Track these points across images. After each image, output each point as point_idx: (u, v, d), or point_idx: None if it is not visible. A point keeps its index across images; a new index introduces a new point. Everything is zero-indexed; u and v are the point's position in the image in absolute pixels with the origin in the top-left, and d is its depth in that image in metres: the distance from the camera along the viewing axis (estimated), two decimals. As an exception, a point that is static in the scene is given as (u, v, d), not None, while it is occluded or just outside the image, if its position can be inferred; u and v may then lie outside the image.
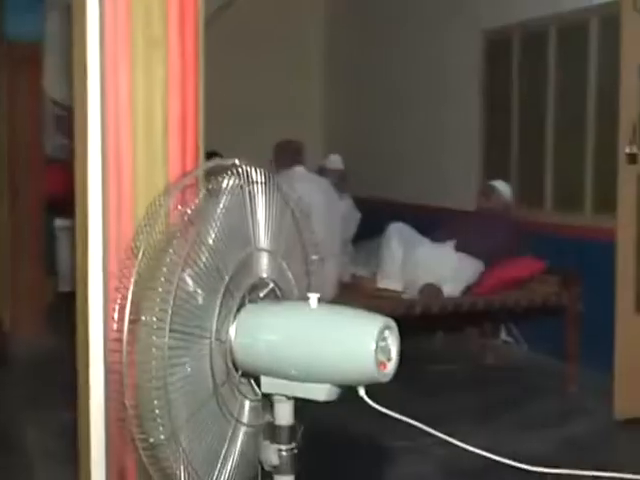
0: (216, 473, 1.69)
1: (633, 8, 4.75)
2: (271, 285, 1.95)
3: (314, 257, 2.08)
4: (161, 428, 1.58)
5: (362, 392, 1.71)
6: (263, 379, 1.82)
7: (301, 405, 1.87)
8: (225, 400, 1.76)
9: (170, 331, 1.61)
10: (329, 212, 5.57)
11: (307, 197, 5.44)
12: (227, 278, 1.75)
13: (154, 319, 1.60)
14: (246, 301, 1.86)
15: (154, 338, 1.59)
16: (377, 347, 1.63)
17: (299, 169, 5.65)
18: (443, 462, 4.38)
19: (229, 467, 1.72)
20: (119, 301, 1.70)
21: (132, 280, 1.66)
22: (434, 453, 4.46)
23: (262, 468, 1.90)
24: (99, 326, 2.34)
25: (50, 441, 4.55)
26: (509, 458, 4.17)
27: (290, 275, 1.99)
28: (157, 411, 1.57)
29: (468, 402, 5.27)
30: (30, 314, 6.70)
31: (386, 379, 1.68)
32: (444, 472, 4.30)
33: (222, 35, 8.06)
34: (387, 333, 1.68)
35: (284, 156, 5.71)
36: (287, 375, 1.75)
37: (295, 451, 1.89)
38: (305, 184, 5.50)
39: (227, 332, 1.77)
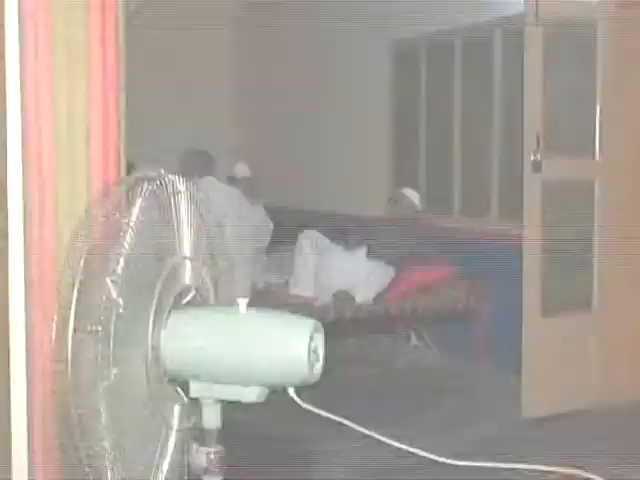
0: (152, 478, 1.71)
1: (535, 22, 4.92)
2: (193, 292, 1.98)
3: (224, 263, 2.11)
4: (100, 435, 1.59)
5: (292, 392, 1.76)
6: (192, 384, 1.85)
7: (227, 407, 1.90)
8: (158, 406, 1.78)
9: (105, 340, 1.63)
10: (240, 221, 5.64)
11: (218, 207, 5.50)
12: (159, 286, 1.77)
13: (91, 329, 1.61)
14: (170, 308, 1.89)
15: (93, 346, 1.60)
16: (309, 349, 1.68)
17: (209, 179, 5.69)
18: (362, 464, 4.45)
19: (164, 471, 1.75)
20: (55, 315, 1.70)
21: (74, 291, 1.67)
22: (357, 455, 4.54)
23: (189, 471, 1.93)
24: (21, 334, 2.33)
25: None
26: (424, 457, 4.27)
27: (209, 281, 2.02)
28: (98, 420, 1.59)
29: (381, 405, 5.34)
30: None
31: (315, 380, 1.74)
32: (364, 474, 4.36)
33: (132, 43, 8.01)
34: (316, 335, 1.73)
35: (192, 166, 5.75)
36: (218, 379, 1.78)
37: (223, 454, 1.93)
38: (216, 193, 5.55)
39: (158, 339, 1.79)
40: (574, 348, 5.22)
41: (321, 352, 1.76)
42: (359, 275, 5.71)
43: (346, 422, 1.96)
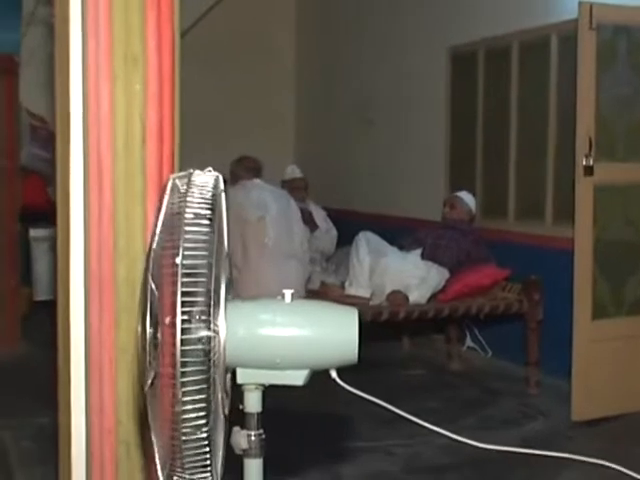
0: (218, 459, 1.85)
1: (589, 27, 4.97)
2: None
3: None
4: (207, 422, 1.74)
5: (334, 374, 1.90)
6: (239, 370, 1.96)
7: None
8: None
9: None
10: (285, 217, 5.78)
11: (262, 202, 5.68)
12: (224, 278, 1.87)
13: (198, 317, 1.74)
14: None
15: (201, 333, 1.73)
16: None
17: (257, 180, 5.86)
18: (404, 461, 4.57)
19: (220, 455, 1.87)
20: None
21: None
22: (395, 452, 4.66)
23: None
24: (80, 327, 2.49)
25: (29, 443, 4.68)
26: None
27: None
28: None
29: (433, 405, 5.44)
30: (6, 324, 6.74)
31: (357, 360, 1.89)
32: (407, 471, 4.48)
33: (197, 51, 8.29)
34: (355, 319, 1.89)
35: (241, 170, 5.94)
36: (269, 365, 1.90)
37: (263, 436, 2.05)
38: (260, 191, 5.74)
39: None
40: (624, 352, 5.25)
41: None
42: (414, 276, 5.80)
43: (384, 404, 2.09)
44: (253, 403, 2.04)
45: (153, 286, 1.83)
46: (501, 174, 6.55)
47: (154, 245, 1.86)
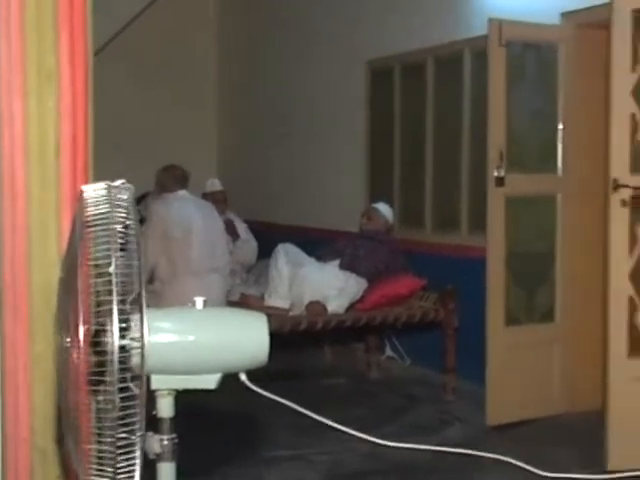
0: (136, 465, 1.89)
1: (498, 43, 5.13)
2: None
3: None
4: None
5: (244, 377, 1.97)
6: (153, 377, 2.01)
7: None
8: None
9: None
10: (210, 231, 5.82)
11: (186, 217, 5.71)
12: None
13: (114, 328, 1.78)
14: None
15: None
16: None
17: (182, 193, 5.87)
18: (325, 468, 4.64)
19: (138, 459, 1.91)
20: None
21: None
22: (316, 460, 4.73)
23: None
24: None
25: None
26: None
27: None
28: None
29: (353, 413, 5.51)
30: None
31: (266, 361, 1.97)
32: (326, 478, 4.55)
33: (116, 64, 8.32)
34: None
35: (168, 180, 5.94)
36: (183, 370, 1.96)
37: (176, 440, 2.10)
38: (184, 205, 5.75)
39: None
40: (536, 358, 5.40)
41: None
42: (332, 286, 5.90)
43: (294, 406, 2.17)
44: (166, 408, 2.09)
45: (68, 295, 1.88)
46: (418, 185, 6.69)
47: (69, 254, 1.91)
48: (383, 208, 6.50)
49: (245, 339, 1.99)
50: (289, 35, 8.43)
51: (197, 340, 1.95)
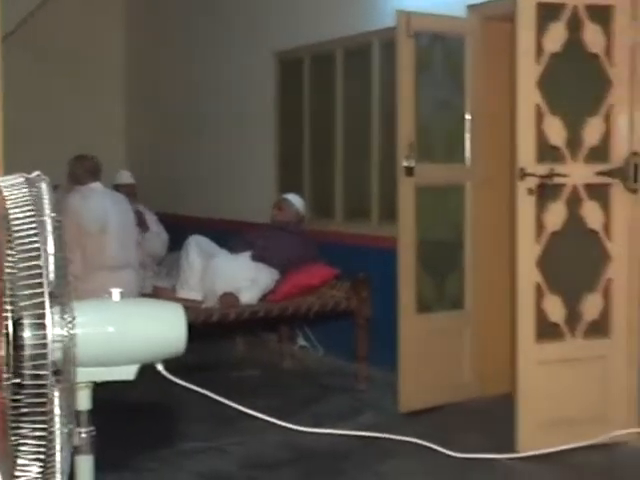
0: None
1: (407, 34, 5.19)
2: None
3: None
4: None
5: (160, 367, 1.96)
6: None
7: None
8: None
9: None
10: (125, 226, 5.78)
11: (102, 212, 5.65)
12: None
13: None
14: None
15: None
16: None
17: (95, 185, 5.79)
18: (240, 458, 4.65)
19: (59, 454, 1.88)
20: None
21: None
22: (231, 451, 4.74)
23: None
24: None
25: None
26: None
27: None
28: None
29: (267, 403, 5.50)
30: None
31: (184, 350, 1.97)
32: (243, 468, 4.56)
33: (23, 53, 8.14)
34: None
35: (80, 171, 5.85)
36: (102, 362, 1.94)
37: (94, 433, 2.08)
38: (100, 199, 5.68)
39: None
40: (447, 344, 5.50)
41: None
42: (244, 278, 5.89)
43: (209, 394, 2.17)
44: (83, 401, 2.07)
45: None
46: (328, 176, 6.73)
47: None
48: (294, 199, 6.52)
49: (164, 328, 1.98)
50: (199, 25, 8.37)
51: (117, 331, 1.94)
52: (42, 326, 1.74)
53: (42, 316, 1.73)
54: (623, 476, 4.39)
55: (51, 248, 1.78)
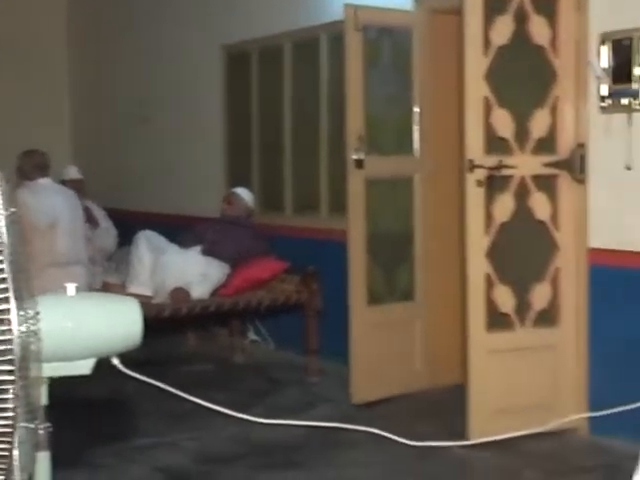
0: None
1: (354, 28, 5.21)
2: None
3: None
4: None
5: (116, 361, 1.96)
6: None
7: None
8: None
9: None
10: (74, 222, 5.74)
11: (52, 208, 5.59)
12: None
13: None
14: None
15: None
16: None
17: (44, 181, 5.73)
18: (194, 453, 4.64)
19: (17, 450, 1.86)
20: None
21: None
22: (185, 446, 4.73)
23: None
24: None
25: None
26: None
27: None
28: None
29: (219, 398, 5.49)
30: None
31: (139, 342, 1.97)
32: (196, 462, 4.55)
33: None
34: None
35: (29, 166, 5.78)
36: (58, 357, 1.93)
37: (50, 429, 2.07)
38: (51, 195, 5.63)
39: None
40: (398, 335, 5.54)
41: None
42: (195, 272, 5.87)
43: (166, 387, 2.17)
44: (40, 397, 2.06)
45: None
46: (277, 169, 6.74)
47: None
48: (243, 193, 6.51)
49: (121, 322, 1.98)
50: (145, 16, 8.31)
51: (75, 326, 1.93)
52: (6, 322, 1.71)
53: (6, 312, 1.70)
54: (572, 462, 4.46)
55: (9, 243, 1.76)
